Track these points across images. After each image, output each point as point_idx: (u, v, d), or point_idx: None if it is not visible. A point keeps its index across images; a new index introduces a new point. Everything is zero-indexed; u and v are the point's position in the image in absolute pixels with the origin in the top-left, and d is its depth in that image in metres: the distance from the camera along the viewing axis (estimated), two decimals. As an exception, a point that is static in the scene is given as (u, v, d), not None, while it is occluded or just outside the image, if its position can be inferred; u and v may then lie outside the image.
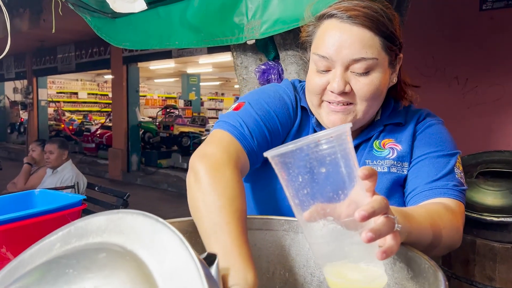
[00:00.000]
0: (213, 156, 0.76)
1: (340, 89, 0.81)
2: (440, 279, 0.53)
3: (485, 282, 1.24)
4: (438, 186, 0.82)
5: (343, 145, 0.54)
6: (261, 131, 0.86)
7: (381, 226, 0.53)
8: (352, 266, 0.56)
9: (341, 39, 0.80)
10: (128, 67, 8.26)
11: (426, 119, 0.94)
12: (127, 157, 8.40)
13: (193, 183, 0.73)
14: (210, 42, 2.01)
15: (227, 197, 0.68)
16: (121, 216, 0.47)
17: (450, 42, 3.89)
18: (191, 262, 0.38)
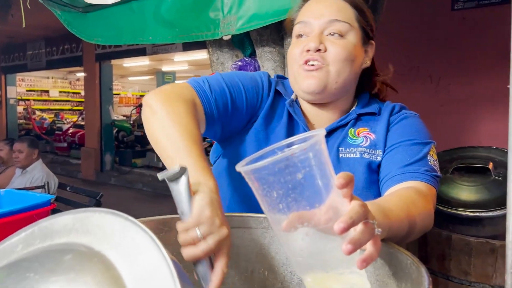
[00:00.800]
0: (167, 92, 0.82)
1: (315, 46, 0.87)
2: (423, 275, 0.52)
3: (460, 276, 1.25)
4: (410, 171, 0.83)
5: (317, 155, 0.52)
6: (223, 93, 0.89)
7: (361, 234, 0.51)
8: (333, 276, 0.53)
9: (318, 6, 0.91)
10: (101, 65, 8.08)
11: (402, 111, 0.97)
12: (101, 156, 8.23)
13: (150, 116, 0.78)
14: (185, 38, 1.97)
15: (183, 125, 0.74)
16: (88, 215, 0.44)
17: (424, 41, 3.95)
18: (163, 262, 0.35)
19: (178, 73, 13.90)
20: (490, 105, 3.70)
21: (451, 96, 3.88)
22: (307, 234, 0.53)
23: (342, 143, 0.92)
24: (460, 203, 1.27)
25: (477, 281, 1.22)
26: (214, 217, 0.59)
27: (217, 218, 0.60)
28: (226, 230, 0.61)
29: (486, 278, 1.21)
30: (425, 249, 1.33)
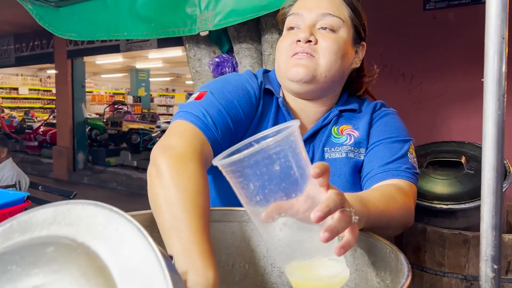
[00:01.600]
0: (176, 149, 0.72)
1: (306, 36, 0.86)
2: (402, 262, 0.53)
3: (435, 267, 1.29)
4: (392, 168, 0.84)
5: (292, 146, 0.52)
6: (224, 121, 0.84)
7: (338, 222, 0.52)
8: (313, 263, 0.54)
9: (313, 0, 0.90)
10: (73, 62, 7.88)
11: (382, 109, 0.98)
12: (73, 155, 8.04)
13: (155, 177, 0.69)
14: (161, 33, 1.95)
15: (189, 191, 0.65)
16: (70, 207, 0.43)
17: (397, 40, 4.02)
18: (151, 253, 0.35)
19: (152, 70, 13.73)
20: (461, 102, 3.80)
21: (424, 94, 3.97)
22: (286, 224, 0.53)
23: (327, 143, 0.92)
24: (434, 196, 1.31)
25: (451, 271, 1.26)
26: None
27: None
28: None
29: (459, 268, 1.25)
30: (401, 242, 1.36)
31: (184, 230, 0.59)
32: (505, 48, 0.64)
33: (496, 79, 0.64)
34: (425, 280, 1.31)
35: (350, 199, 0.59)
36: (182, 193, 0.64)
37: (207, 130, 0.80)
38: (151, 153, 0.74)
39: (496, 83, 0.65)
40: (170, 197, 0.64)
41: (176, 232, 0.60)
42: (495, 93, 0.65)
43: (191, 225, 0.60)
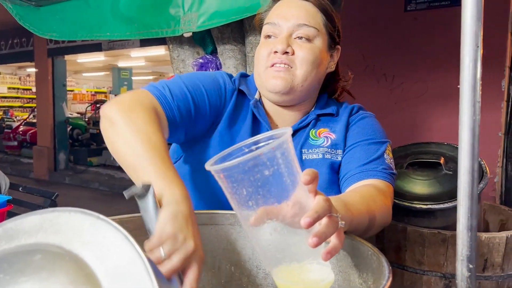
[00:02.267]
0: (126, 101, 0.78)
1: (283, 48, 0.88)
2: (383, 264, 0.55)
3: (415, 266, 1.32)
4: (369, 169, 0.87)
5: (285, 153, 0.54)
6: (184, 98, 0.87)
7: (325, 228, 0.53)
8: (300, 267, 0.55)
9: (288, 8, 0.91)
10: (54, 60, 7.75)
11: (359, 112, 1.01)
12: (54, 155, 7.92)
13: (109, 127, 0.75)
14: (144, 34, 1.94)
15: (145, 132, 0.71)
16: (57, 215, 0.44)
17: (379, 41, 4.08)
18: (138, 259, 0.36)
19: (135, 69, 13.58)
20: (441, 102, 3.88)
21: (405, 94, 4.04)
22: (275, 229, 0.55)
23: (305, 145, 0.94)
24: (414, 197, 1.34)
25: (430, 269, 1.29)
26: (176, 233, 0.56)
27: (180, 233, 0.57)
28: (192, 244, 0.57)
29: (438, 266, 1.28)
30: (382, 241, 1.39)
31: (148, 163, 0.67)
32: (480, 56, 0.67)
33: (471, 85, 0.67)
34: (405, 279, 1.34)
35: (335, 204, 0.60)
36: (139, 134, 0.70)
37: (162, 97, 0.84)
38: (101, 109, 0.78)
39: (471, 90, 0.67)
40: (128, 139, 0.70)
41: (142, 167, 0.67)
42: (470, 99, 0.67)
43: (152, 158, 0.67)
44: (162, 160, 0.68)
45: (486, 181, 1.31)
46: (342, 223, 0.56)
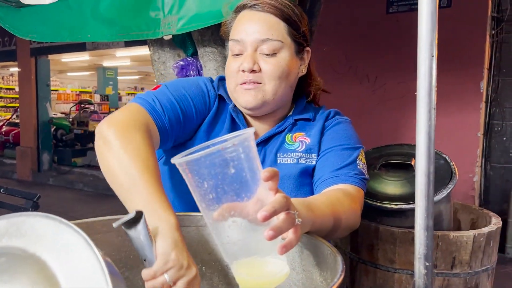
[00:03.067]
0: (121, 121, 0.79)
1: (249, 67, 0.90)
2: (339, 263, 0.58)
3: (387, 264, 1.36)
4: (341, 174, 0.90)
5: (246, 150, 0.57)
6: (174, 109, 0.90)
7: (282, 223, 0.57)
8: (257, 261, 0.59)
9: (250, 24, 0.91)
10: (37, 60, 7.67)
11: (336, 117, 1.04)
12: (38, 155, 7.84)
13: (103, 147, 0.76)
14: (125, 36, 1.95)
15: (139, 156, 0.72)
16: (23, 219, 0.46)
17: (362, 42, 4.14)
18: (95, 261, 0.39)
19: (120, 68, 13.50)
20: (421, 103, 3.95)
21: (387, 95, 4.11)
22: (235, 224, 0.58)
23: (280, 149, 0.97)
24: (386, 197, 1.38)
25: (401, 267, 1.33)
26: (181, 260, 0.60)
27: (184, 260, 0.61)
28: (194, 270, 0.61)
29: (409, 264, 1.33)
30: (356, 240, 1.43)
31: (142, 188, 0.68)
32: (435, 65, 0.71)
33: (427, 93, 0.71)
34: (378, 277, 1.38)
35: (297, 204, 0.64)
36: (134, 158, 0.72)
37: (153, 111, 0.87)
38: (97, 128, 0.80)
39: (427, 97, 0.71)
40: (123, 162, 0.71)
41: (136, 191, 0.68)
42: (426, 106, 0.71)
43: (147, 183, 0.69)
44: (157, 186, 0.69)
45: (454, 182, 1.36)
46: (299, 220, 0.60)
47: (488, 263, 1.39)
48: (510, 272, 3.63)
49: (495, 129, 4.10)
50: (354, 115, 3.90)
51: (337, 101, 4.74)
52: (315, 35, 2.28)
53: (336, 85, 4.49)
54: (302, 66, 1.00)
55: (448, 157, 1.45)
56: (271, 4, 0.91)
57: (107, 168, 0.74)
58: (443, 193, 1.33)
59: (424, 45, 0.70)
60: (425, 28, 0.69)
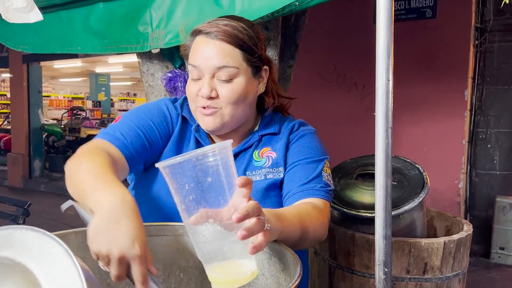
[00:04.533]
0: (78, 153, 0.86)
1: (207, 94, 0.93)
2: (297, 270, 0.65)
3: (363, 270, 1.43)
4: (308, 188, 0.95)
5: (224, 158, 0.65)
6: (136, 134, 0.96)
7: (253, 225, 0.64)
8: (230, 262, 0.66)
9: (206, 50, 0.93)
10: (29, 66, 7.69)
11: (300, 129, 1.07)
12: (29, 162, 7.84)
13: (66, 177, 0.84)
14: (114, 49, 2.01)
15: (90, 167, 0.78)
16: (11, 232, 0.52)
17: (349, 52, 4.22)
18: (73, 268, 0.45)
19: (112, 75, 13.54)
20: (409, 111, 4.05)
21: (375, 103, 4.19)
22: (211, 228, 0.65)
23: (249, 167, 1.02)
24: (362, 206, 1.45)
25: (376, 273, 1.40)
26: (100, 248, 0.60)
27: (103, 247, 0.60)
28: (116, 252, 0.60)
29: (383, 270, 1.39)
30: (334, 247, 1.50)
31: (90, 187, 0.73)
32: (391, 89, 0.77)
33: (384, 114, 0.78)
34: (354, 282, 1.45)
35: (267, 213, 0.71)
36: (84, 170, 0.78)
37: (115, 140, 0.93)
38: None
39: (384, 117, 0.78)
40: (76, 177, 0.79)
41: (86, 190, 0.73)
42: (383, 126, 0.78)
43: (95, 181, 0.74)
44: (103, 179, 0.74)
45: (426, 191, 1.43)
46: (268, 225, 0.67)
47: (459, 268, 1.46)
48: (494, 277, 3.71)
49: (480, 137, 4.20)
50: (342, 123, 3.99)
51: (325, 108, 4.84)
52: (301, 45, 2.36)
53: (324, 93, 4.58)
54: (261, 84, 1.02)
55: (421, 167, 1.52)
56: (225, 31, 0.93)
57: (69, 189, 0.81)
58: (414, 201, 1.39)
59: (380, 70, 0.76)
60: (382, 54, 0.76)
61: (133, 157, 0.93)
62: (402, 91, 4.00)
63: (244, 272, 0.65)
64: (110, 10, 1.99)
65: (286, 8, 1.50)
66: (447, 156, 3.99)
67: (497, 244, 3.85)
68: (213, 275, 0.66)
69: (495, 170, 4.13)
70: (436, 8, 3.98)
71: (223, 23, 0.94)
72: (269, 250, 0.78)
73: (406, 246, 1.37)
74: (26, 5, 1.30)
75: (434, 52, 3.96)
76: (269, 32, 1.89)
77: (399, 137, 4.10)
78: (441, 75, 3.96)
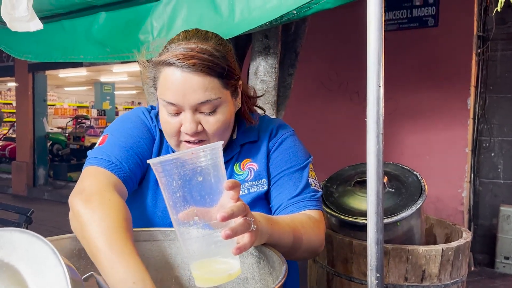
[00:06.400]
0: (86, 190, 0.81)
1: (193, 131, 0.87)
2: (283, 270, 0.65)
3: (360, 277, 1.42)
4: (299, 200, 0.94)
5: (214, 159, 0.66)
6: (129, 155, 0.92)
7: (239, 226, 0.65)
8: (214, 261, 0.67)
9: (184, 87, 0.84)
10: (35, 75, 7.78)
11: (278, 134, 1.02)
12: (33, 170, 7.88)
13: (74, 221, 0.78)
14: (115, 58, 2.04)
15: (105, 226, 0.72)
16: (1, 234, 0.53)
17: (351, 60, 4.23)
18: (59, 267, 0.45)
19: (117, 83, 13.62)
20: (411, 120, 4.05)
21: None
22: (197, 224, 0.66)
23: None
24: (359, 213, 1.44)
25: (373, 280, 1.39)
26: None
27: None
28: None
29: (381, 277, 1.39)
30: (332, 254, 1.49)
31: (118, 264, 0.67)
32: (382, 94, 0.78)
33: (376, 120, 0.78)
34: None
35: (258, 216, 0.72)
36: (99, 225, 0.72)
37: (113, 167, 0.88)
38: (68, 201, 0.83)
39: (375, 123, 0.78)
40: (91, 234, 0.72)
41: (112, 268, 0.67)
42: (374, 132, 0.78)
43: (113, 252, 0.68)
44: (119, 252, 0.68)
45: (424, 198, 1.42)
46: (254, 226, 0.67)
47: (458, 276, 1.45)
48: (499, 287, 3.68)
49: (483, 145, 4.18)
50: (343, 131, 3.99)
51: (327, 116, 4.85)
52: (302, 54, 2.38)
53: (326, 102, 4.58)
54: (238, 99, 0.97)
55: (419, 174, 1.52)
56: (202, 63, 0.84)
57: (82, 241, 0.75)
58: (412, 209, 1.39)
59: (372, 76, 0.77)
60: (373, 62, 0.77)
61: (130, 179, 0.91)
62: (404, 99, 4.02)
63: (227, 271, 0.66)
64: (112, 19, 2.02)
65: (284, 16, 1.52)
66: (450, 165, 3.98)
67: (501, 254, 3.81)
68: (197, 273, 0.67)
69: (499, 178, 4.10)
70: (438, 17, 3.99)
71: (198, 50, 0.84)
72: (258, 253, 0.79)
73: (404, 253, 1.37)
74: (27, 14, 1.32)
75: (437, 60, 3.97)
76: (269, 40, 1.91)
77: (401, 146, 4.10)
78: (444, 84, 3.96)
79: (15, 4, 1.33)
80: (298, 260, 0.94)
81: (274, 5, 1.51)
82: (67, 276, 0.44)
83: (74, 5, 2.02)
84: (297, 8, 1.47)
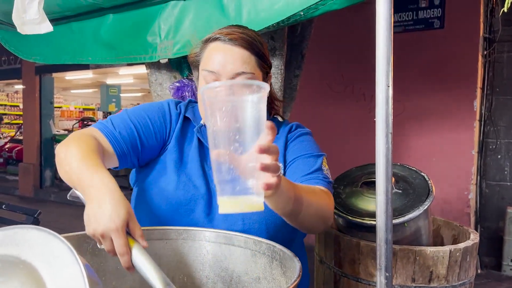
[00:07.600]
0: (68, 138, 0.91)
1: None
2: (296, 269, 0.66)
3: (368, 278, 1.42)
4: (312, 178, 0.98)
5: (259, 96, 0.65)
6: (128, 127, 0.99)
7: (271, 164, 0.64)
8: (241, 197, 0.66)
9: (225, 57, 0.96)
10: (42, 78, 7.83)
11: (297, 130, 1.12)
12: (40, 172, 7.93)
13: (56, 161, 0.88)
14: (123, 59, 2.05)
15: (78, 154, 0.83)
16: (16, 231, 0.54)
17: (357, 62, 4.24)
18: (76, 265, 0.46)
19: (123, 86, 13.69)
20: (417, 121, 4.04)
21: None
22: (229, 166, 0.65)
23: None
24: (367, 213, 1.44)
25: (381, 281, 1.39)
26: (95, 231, 0.68)
27: (96, 230, 0.68)
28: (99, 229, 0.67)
29: (389, 278, 1.39)
30: (339, 255, 1.49)
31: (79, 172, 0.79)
32: (391, 94, 0.79)
33: (385, 119, 0.78)
34: (360, 290, 1.44)
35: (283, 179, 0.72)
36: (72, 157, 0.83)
37: (104, 128, 0.97)
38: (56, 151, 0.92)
39: (385, 123, 0.79)
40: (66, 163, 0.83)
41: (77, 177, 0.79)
42: (384, 131, 0.79)
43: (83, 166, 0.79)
44: (86, 166, 0.79)
45: (431, 199, 1.42)
46: (281, 172, 0.68)
47: (465, 278, 1.45)
48: (506, 290, 3.66)
49: (489, 147, 4.16)
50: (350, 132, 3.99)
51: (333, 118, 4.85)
52: (309, 56, 2.38)
53: (333, 104, 4.58)
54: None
55: (426, 175, 1.52)
56: (243, 38, 0.97)
57: (61, 173, 0.87)
58: (419, 209, 1.39)
59: (381, 76, 0.78)
60: (381, 62, 0.77)
61: (122, 149, 0.96)
62: (410, 101, 4.01)
63: (249, 199, 0.66)
64: (120, 21, 2.04)
65: (291, 18, 1.52)
66: (456, 167, 3.96)
67: (508, 256, 3.79)
68: (222, 198, 0.67)
69: (506, 181, 4.08)
70: (444, 18, 3.99)
71: (239, 31, 0.98)
72: (270, 253, 0.79)
73: (412, 254, 1.37)
74: (38, 16, 1.34)
75: (443, 62, 3.96)
76: (275, 42, 1.91)
77: (408, 148, 4.09)
78: (450, 86, 3.95)
79: (26, 7, 1.35)
80: (309, 225, 0.93)
81: (281, 6, 1.52)
82: (84, 274, 0.45)
83: (81, 7, 2.04)
84: (304, 9, 1.47)
